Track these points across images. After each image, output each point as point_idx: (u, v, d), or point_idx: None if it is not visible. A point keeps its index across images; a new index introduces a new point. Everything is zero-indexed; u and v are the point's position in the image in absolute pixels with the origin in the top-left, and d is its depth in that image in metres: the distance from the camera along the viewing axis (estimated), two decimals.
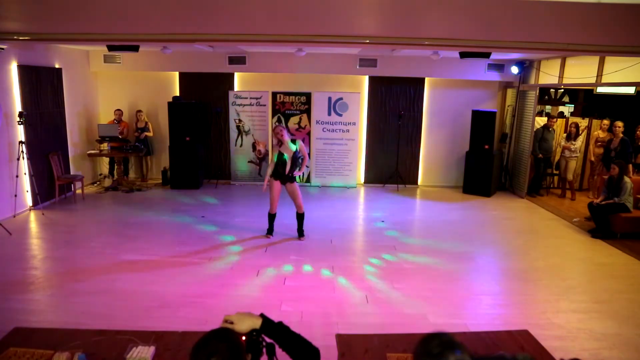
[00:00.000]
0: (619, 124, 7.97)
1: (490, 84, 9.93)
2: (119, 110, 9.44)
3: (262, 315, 1.69)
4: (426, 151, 10.19)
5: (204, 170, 9.89)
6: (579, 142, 9.10)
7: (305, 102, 9.71)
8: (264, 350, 1.65)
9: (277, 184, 6.26)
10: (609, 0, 2.84)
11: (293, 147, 6.17)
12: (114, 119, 9.37)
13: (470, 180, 9.49)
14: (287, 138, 6.15)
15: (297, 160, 6.25)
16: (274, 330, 1.67)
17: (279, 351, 1.67)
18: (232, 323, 1.61)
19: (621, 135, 7.93)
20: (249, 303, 4.54)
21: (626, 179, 6.88)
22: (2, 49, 6.80)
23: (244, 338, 1.60)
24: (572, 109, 12.61)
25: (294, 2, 3.45)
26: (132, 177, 10.05)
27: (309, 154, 9.74)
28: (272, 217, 6.48)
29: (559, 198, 9.38)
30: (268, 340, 1.66)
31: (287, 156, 6.17)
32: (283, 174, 6.21)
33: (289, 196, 6.40)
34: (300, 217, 6.45)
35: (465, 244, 6.50)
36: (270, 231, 6.55)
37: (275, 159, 6.25)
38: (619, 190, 6.85)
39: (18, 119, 7.23)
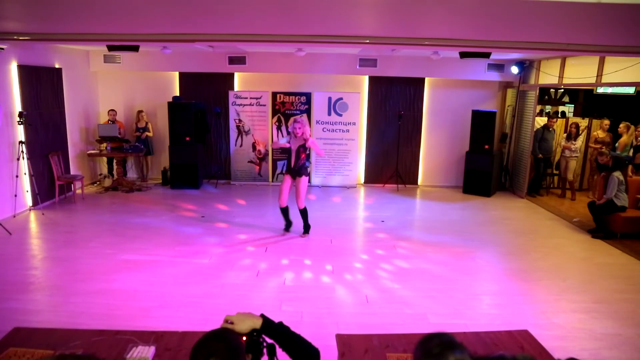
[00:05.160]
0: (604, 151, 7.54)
1: (490, 84, 9.93)
2: (112, 110, 9.41)
3: (262, 316, 1.69)
4: (426, 151, 10.19)
5: (204, 170, 9.90)
6: (579, 142, 9.11)
7: (305, 102, 9.71)
8: (265, 350, 1.65)
9: (287, 178, 6.37)
10: (609, 0, 2.84)
11: (302, 140, 6.22)
12: (108, 120, 9.35)
13: (470, 180, 9.49)
14: (298, 132, 6.14)
15: (300, 155, 6.27)
16: (274, 330, 1.67)
17: (279, 351, 1.67)
18: (232, 323, 1.61)
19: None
20: (249, 303, 4.54)
21: (616, 173, 6.78)
22: (2, 49, 6.80)
23: (244, 338, 1.60)
24: (572, 109, 12.61)
25: (294, 2, 3.45)
26: (131, 177, 10.04)
27: (308, 155, 9.72)
28: (283, 210, 6.53)
29: (559, 198, 9.38)
30: (269, 340, 1.66)
31: (292, 149, 6.27)
32: (289, 167, 6.36)
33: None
34: (301, 213, 6.50)
35: (466, 244, 6.50)
36: (288, 226, 6.62)
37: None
38: (606, 185, 6.84)
39: (18, 119, 7.24)
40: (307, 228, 6.60)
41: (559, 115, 9.94)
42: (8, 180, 7.14)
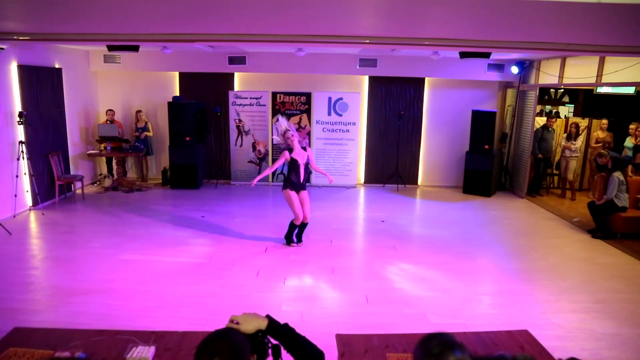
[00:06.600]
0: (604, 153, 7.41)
1: (490, 84, 9.93)
2: (110, 110, 9.40)
3: (268, 317, 1.69)
4: (426, 151, 10.19)
5: (204, 170, 9.90)
6: (579, 142, 9.10)
7: (305, 102, 9.71)
8: (270, 351, 1.64)
9: (293, 194, 5.85)
10: (609, 0, 2.84)
11: (305, 153, 5.87)
12: (107, 120, 9.35)
13: (470, 180, 9.48)
14: (297, 143, 5.74)
15: (308, 167, 5.94)
16: (279, 331, 1.67)
17: (284, 352, 1.67)
18: (237, 323, 1.61)
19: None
20: (248, 303, 4.54)
21: (616, 174, 6.77)
22: (2, 49, 6.80)
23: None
24: (572, 109, 12.61)
25: (293, 2, 3.45)
26: (131, 177, 10.04)
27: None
28: (294, 226, 6.06)
29: (559, 198, 9.38)
30: (274, 341, 1.66)
31: (300, 162, 5.79)
32: (298, 182, 5.85)
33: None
34: (302, 225, 6.15)
35: (465, 244, 6.50)
36: (298, 239, 6.17)
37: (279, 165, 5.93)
38: (606, 186, 6.84)
39: (18, 119, 7.23)
40: (301, 238, 6.23)
41: (552, 114, 9.94)
42: (8, 180, 7.14)
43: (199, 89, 9.89)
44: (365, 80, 9.91)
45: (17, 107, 7.37)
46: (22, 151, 7.27)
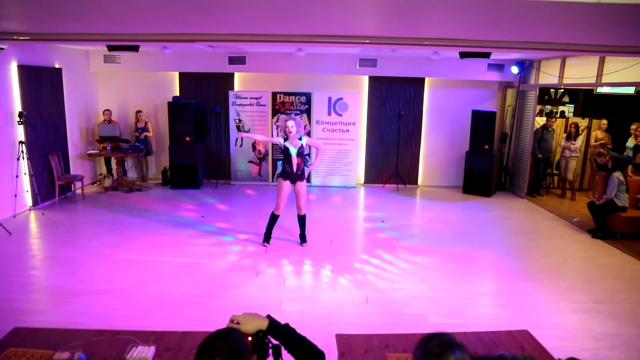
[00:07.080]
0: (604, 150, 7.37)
1: (490, 84, 9.93)
2: (108, 110, 9.38)
3: (268, 317, 1.69)
4: (426, 151, 10.19)
5: (204, 170, 9.90)
6: (579, 142, 9.10)
7: (305, 102, 9.71)
8: (270, 351, 1.64)
9: (287, 184, 5.87)
10: (609, 0, 2.84)
11: (300, 143, 5.86)
12: (104, 120, 9.34)
13: (470, 180, 9.48)
14: (293, 136, 5.77)
15: (303, 156, 5.94)
16: (280, 331, 1.67)
17: (284, 353, 1.67)
18: (238, 323, 1.61)
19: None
20: (248, 303, 4.54)
21: (616, 174, 6.77)
22: (2, 49, 6.80)
23: (250, 339, 1.60)
24: (572, 109, 12.61)
25: (294, 2, 3.45)
26: (131, 177, 10.04)
27: (308, 155, 9.62)
28: (275, 218, 6.06)
29: (559, 198, 9.38)
30: (274, 341, 1.66)
31: (293, 151, 5.80)
32: (292, 172, 5.86)
33: (294, 195, 6.07)
34: (301, 220, 6.15)
35: (465, 244, 6.50)
36: (267, 238, 6.17)
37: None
38: (606, 186, 6.84)
39: (18, 119, 7.24)
40: (305, 237, 6.25)
41: (557, 115, 9.95)
42: (8, 180, 7.14)
43: (199, 89, 9.89)
44: (365, 80, 9.91)
45: (17, 107, 7.37)
46: (22, 151, 7.27)
